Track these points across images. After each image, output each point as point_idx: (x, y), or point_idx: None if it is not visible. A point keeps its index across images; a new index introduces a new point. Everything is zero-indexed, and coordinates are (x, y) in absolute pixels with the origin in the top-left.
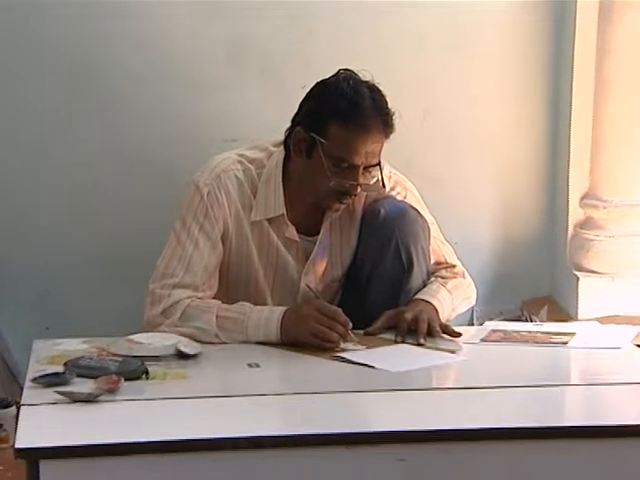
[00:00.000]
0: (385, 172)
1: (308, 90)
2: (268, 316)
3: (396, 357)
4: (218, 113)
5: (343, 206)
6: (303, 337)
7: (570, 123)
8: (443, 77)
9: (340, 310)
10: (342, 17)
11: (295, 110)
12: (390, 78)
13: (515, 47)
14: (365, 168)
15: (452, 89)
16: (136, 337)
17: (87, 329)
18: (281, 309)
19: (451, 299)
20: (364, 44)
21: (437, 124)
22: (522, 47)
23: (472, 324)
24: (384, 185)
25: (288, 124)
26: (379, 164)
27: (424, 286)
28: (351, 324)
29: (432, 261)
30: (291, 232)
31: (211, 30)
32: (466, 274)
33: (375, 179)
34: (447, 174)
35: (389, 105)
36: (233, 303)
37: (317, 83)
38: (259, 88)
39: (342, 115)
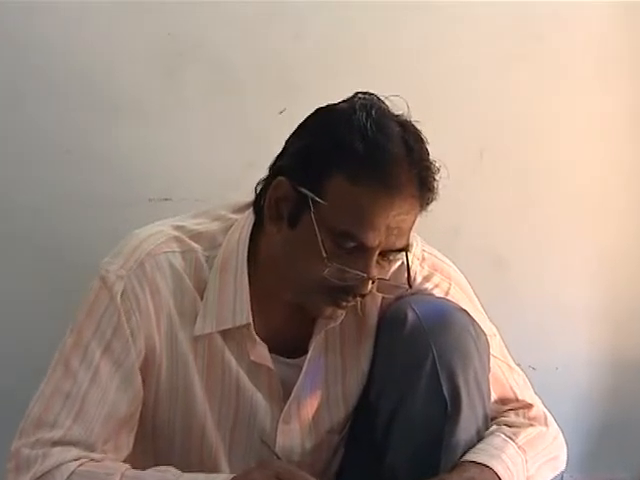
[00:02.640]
0: (415, 251)
1: (302, 120)
2: None
3: None
4: (143, 159)
5: (343, 312)
6: None
7: None
8: (508, 100)
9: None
10: (347, 14)
11: (274, 151)
12: (422, 100)
13: (617, 59)
14: (383, 253)
15: (522, 118)
16: None
17: None
18: (224, 477)
19: (524, 461)
20: (379, 52)
21: (499, 173)
22: (627, 60)
23: None
24: (410, 283)
25: (259, 174)
26: (406, 249)
27: (479, 439)
28: None
29: (493, 397)
30: (260, 353)
31: (137, 32)
32: (549, 419)
33: (399, 263)
34: (516, 254)
35: (430, 155)
36: None
37: (318, 110)
38: (210, 114)
39: (354, 162)
